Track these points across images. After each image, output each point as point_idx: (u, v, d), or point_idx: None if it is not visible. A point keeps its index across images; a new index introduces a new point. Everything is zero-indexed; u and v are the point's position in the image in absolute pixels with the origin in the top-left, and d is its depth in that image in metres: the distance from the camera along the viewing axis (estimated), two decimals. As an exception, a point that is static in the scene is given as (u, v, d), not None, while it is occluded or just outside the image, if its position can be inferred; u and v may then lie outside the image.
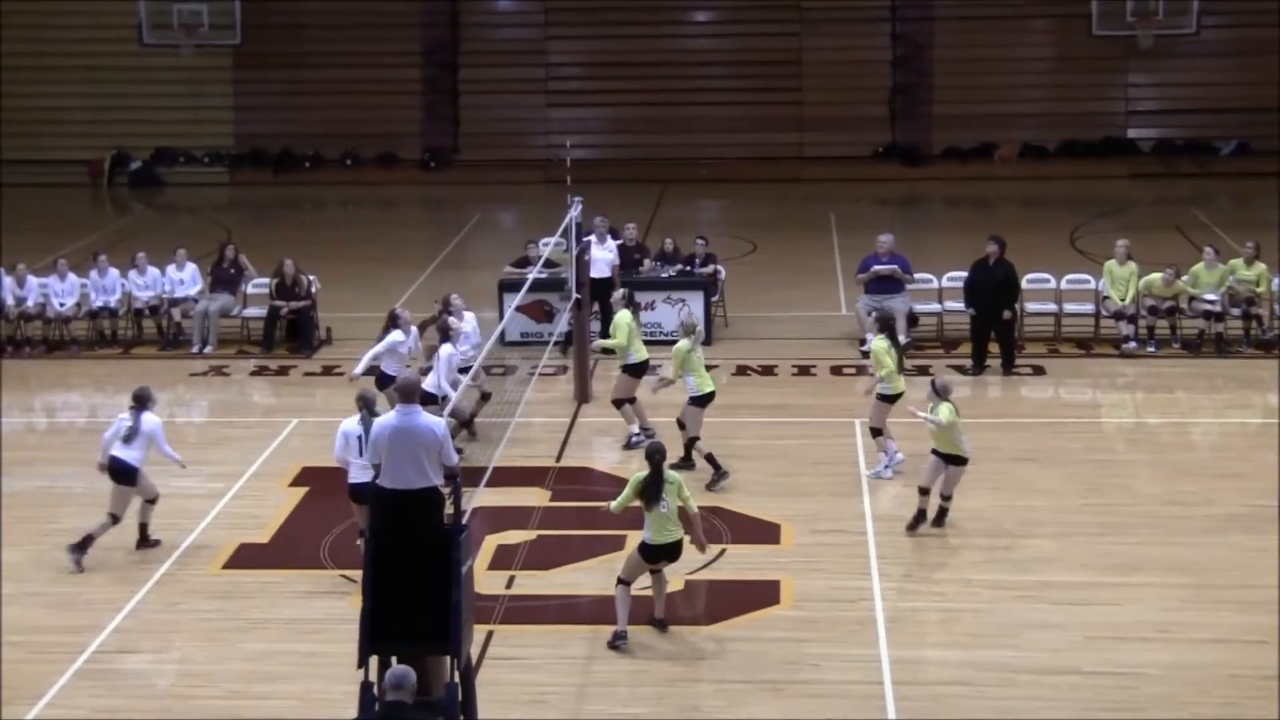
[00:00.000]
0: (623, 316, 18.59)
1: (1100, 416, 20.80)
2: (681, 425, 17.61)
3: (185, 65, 38.78)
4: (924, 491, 15.95)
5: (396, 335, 18.36)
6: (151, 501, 15.80)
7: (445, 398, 15.97)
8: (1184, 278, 22.63)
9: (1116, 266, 22.85)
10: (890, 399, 17.59)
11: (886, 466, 17.59)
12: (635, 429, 18.60)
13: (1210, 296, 22.50)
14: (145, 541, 15.81)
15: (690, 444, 17.57)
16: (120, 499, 15.50)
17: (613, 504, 13.93)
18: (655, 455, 13.77)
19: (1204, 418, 18.83)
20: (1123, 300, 22.60)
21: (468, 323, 19.05)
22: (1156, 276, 22.67)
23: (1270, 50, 37.04)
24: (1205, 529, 16.11)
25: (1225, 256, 23.24)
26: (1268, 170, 35.48)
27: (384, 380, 18.12)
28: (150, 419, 15.61)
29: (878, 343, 17.69)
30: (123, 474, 15.50)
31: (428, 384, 16.82)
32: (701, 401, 17.63)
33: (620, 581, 13.82)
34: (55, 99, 38.31)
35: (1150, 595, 14.55)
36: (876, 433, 17.68)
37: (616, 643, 13.63)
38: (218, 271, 24.12)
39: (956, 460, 15.81)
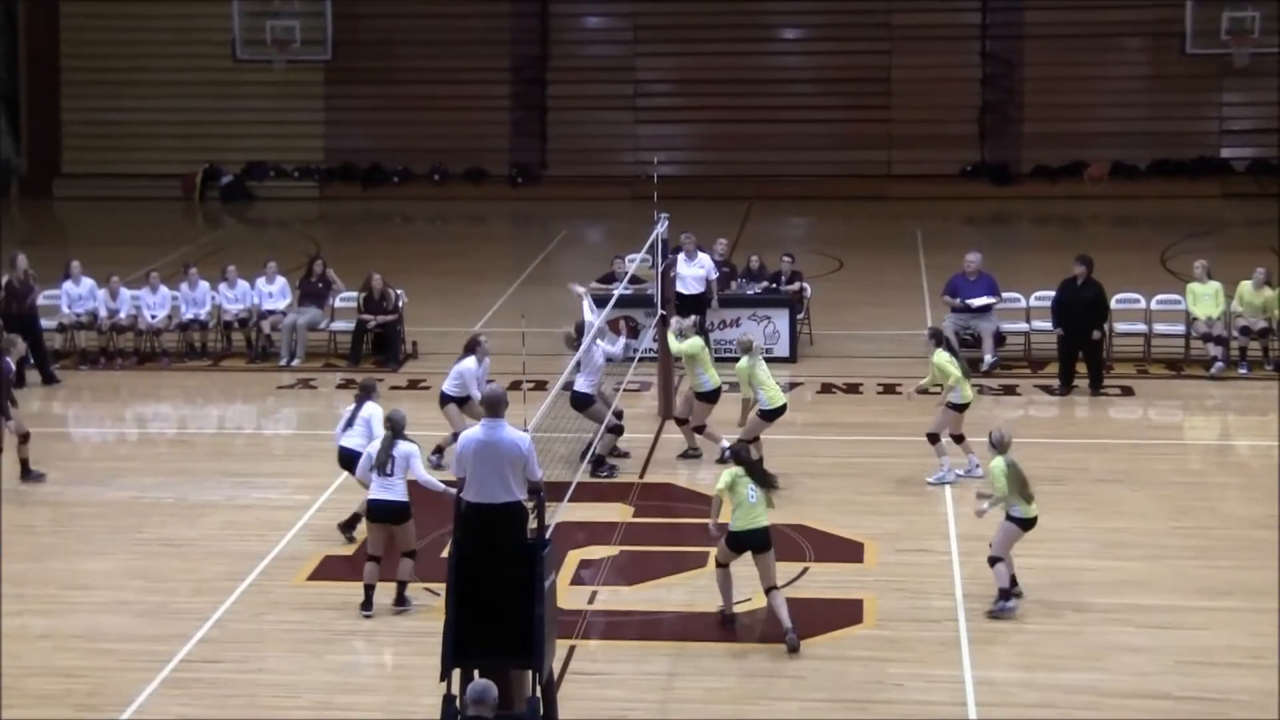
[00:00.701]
0: (694, 343, 18.62)
1: (1189, 438, 20.58)
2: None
3: (277, 80, 39.22)
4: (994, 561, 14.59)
5: (468, 363, 18.36)
6: None
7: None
8: (1275, 293, 22.35)
9: (1198, 286, 22.62)
10: (960, 407, 17.78)
11: (957, 473, 17.86)
12: (724, 442, 18.60)
13: (1298, 319, 22.22)
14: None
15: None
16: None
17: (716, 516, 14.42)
18: (740, 453, 14.36)
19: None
20: (1207, 318, 22.33)
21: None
22: (1247, 284, 22.42)
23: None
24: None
25: (1318, 278, 22.94)
26: (1364, 190, 35.00)
27: (444, 399, 18.32)
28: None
29: (938, 356, 17.84)
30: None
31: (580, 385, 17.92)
32: (771, 415, 17.86)
33: (718, 565, 14.29)
34: (149, 113, 38.85)
35: (1240, 620, 14.34)
36: (934, 439, 17.84)
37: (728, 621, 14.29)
38: (306, 285, 24.33)
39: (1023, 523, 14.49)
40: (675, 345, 18.95)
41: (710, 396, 18.67)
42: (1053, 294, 22.29)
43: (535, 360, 20.80)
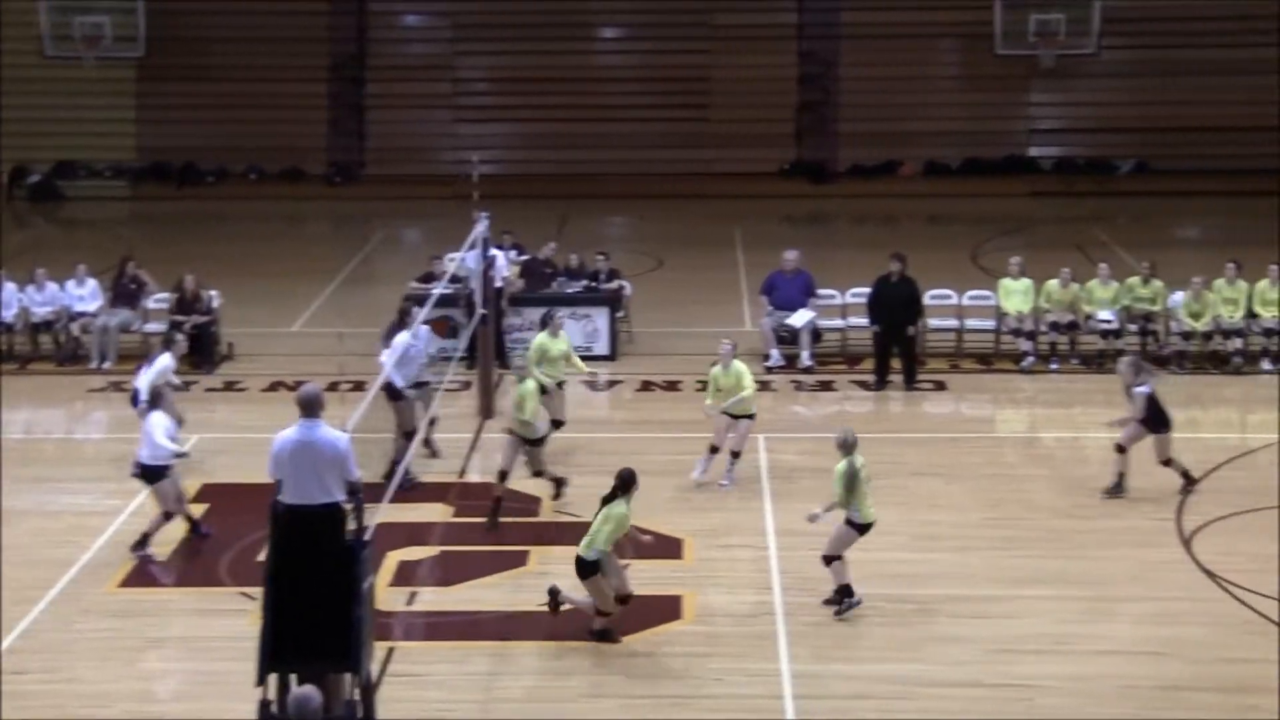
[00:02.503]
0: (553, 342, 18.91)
1: (1000, 431, 21.04)
2: None
3: (88, 77, 38.41)
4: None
5: (402, 337, 17.97)
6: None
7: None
8: (1080, 290, 22.92)
9: (1011, 282, 23.16)
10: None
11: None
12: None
13: (1106, 315, 22.79)
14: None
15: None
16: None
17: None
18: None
19: (1101, 433, 19.02)
20: (1018, 314, 22.87)
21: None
22: (1054, 282, 22.98)
23: (1168, 71, 37.67)
24: (1102, 542, 16.30)
25: (1122, 274, 23.56)
26: (1165, 189, 36.02)
27: (392, 393, 17.59)
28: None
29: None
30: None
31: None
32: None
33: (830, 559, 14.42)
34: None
35: (1049, 608, 14.69)
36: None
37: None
38: (118, 287, 23.86)
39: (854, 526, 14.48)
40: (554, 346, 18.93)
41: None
42: (868, 290, 22.63)
43: (354, 360, 20.66)
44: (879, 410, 21.17)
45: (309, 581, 11.22)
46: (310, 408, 11.64)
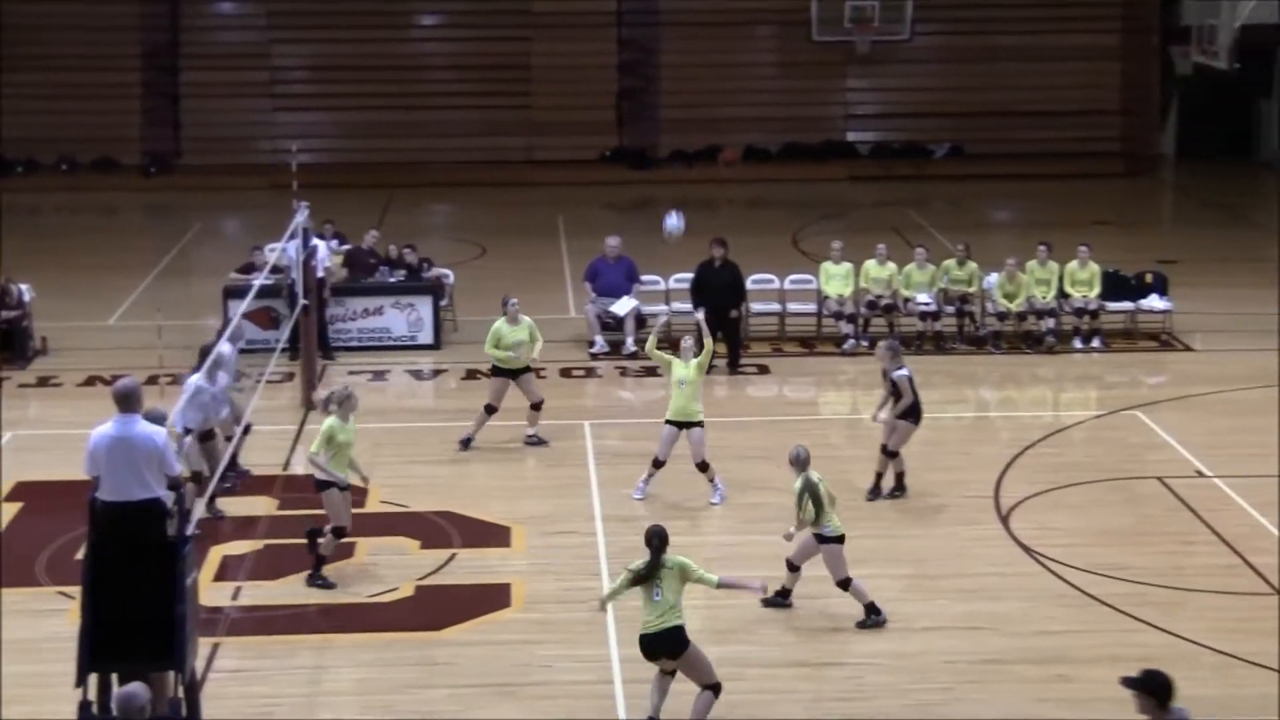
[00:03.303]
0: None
1: (823, 413, 21.34)
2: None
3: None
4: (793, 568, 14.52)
5: (194, 379, 16.08)
6: None
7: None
8: (898, 275, 23.30)
9: (831, 266, 23.49)
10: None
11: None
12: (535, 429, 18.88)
13: (924, 297, 23.20)
14: None
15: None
16: None
17: (605, 592, 13.29)
18: (654, 539, 12.34)
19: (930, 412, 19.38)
20: (839, 297, 23.20)
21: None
22: (871, 262, 23.37)
23: (981, 57, 38.40)
24: (922, 521, 16.61)
25: (939, 257, 24.00)
26: (979, 173, 36.73)
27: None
28: None
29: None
30: None
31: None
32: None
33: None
34: None
35: (873, 586, 14.86)
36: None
37: None
38: (-75, 281, 23.22)
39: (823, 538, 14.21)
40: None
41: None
42: (691, 276, 22.79)
43: (173, 354, 20.34)
44: (703, 395, 21.26)
45: (129, 579, 11.04)
46: (127, 402, 11.40)
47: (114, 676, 10.97)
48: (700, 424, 17.09)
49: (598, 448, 18.73)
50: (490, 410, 18.76)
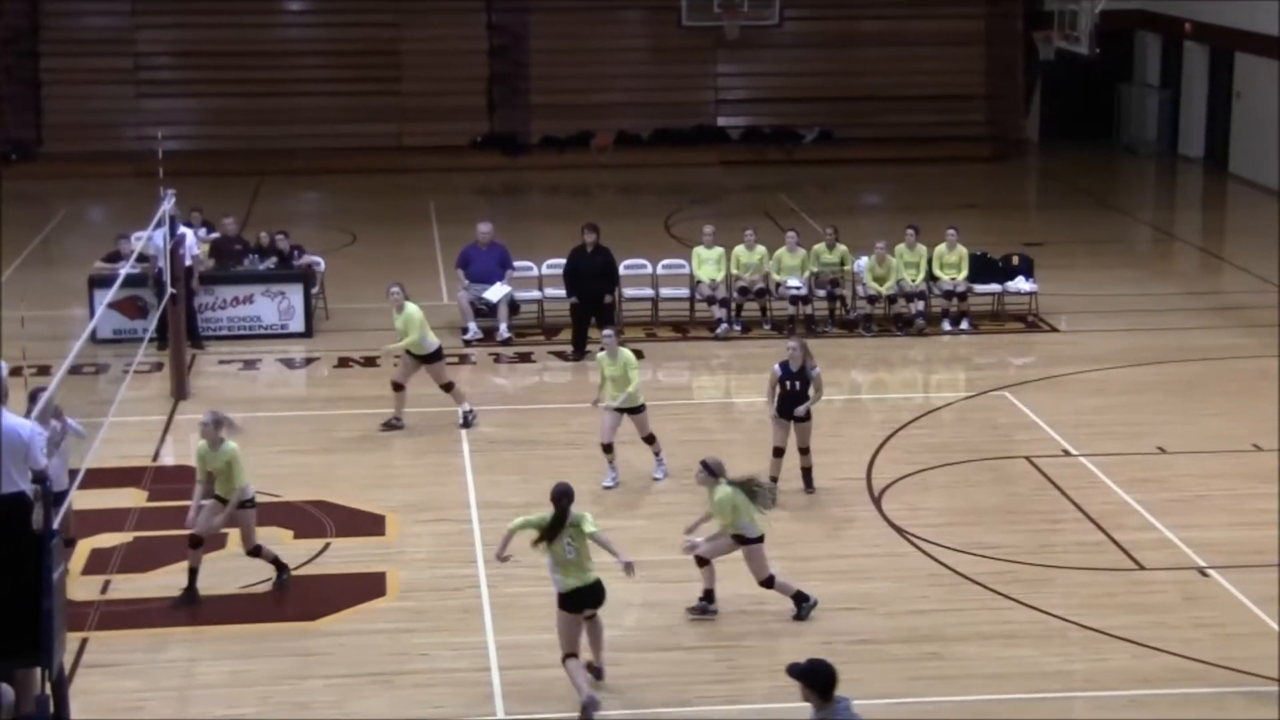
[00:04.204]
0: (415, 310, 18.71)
1: (697, 398, 21.43)
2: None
3: None
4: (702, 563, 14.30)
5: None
6: None
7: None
8: (769, 259, 23.45)
9: (704, 250, 23.60)
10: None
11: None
12: (466, 406, 18.92)
13: (794, 281, 23.37)
14: None
15: None
16: None
17: (512, 523, 12.99)
18: (561, 499, 12.62)
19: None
20: (712, 282, 23.32)
21: None
22: (740, 247, 23.51)
23: (849, 42, 38.73)
24: (796, 503, 16.73)
25: (810, 241, 24.19)
26: (848, 157, 37.05)
27: None
28: None
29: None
30: None
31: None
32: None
33: (566, 657, 12.62)
34: None
35: (745, 570, 14.99)
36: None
37: (589, 715, 12.33)
38: None
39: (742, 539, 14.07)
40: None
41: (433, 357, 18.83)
42: (564, 261, 22.80)
43: (38, 344, 19.97)
44: (577, 380, 21.32)
45: (-6, 574, 10.84)
46: (-12, 395, 11.24)
47: (-18, 674, 10.77)
48: (641, 409, 17.35)
49: (472, 435, 18.70)
50: (398, 387, 18.91)
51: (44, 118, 37.78)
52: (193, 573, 14.38)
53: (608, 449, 17.23)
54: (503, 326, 22.82)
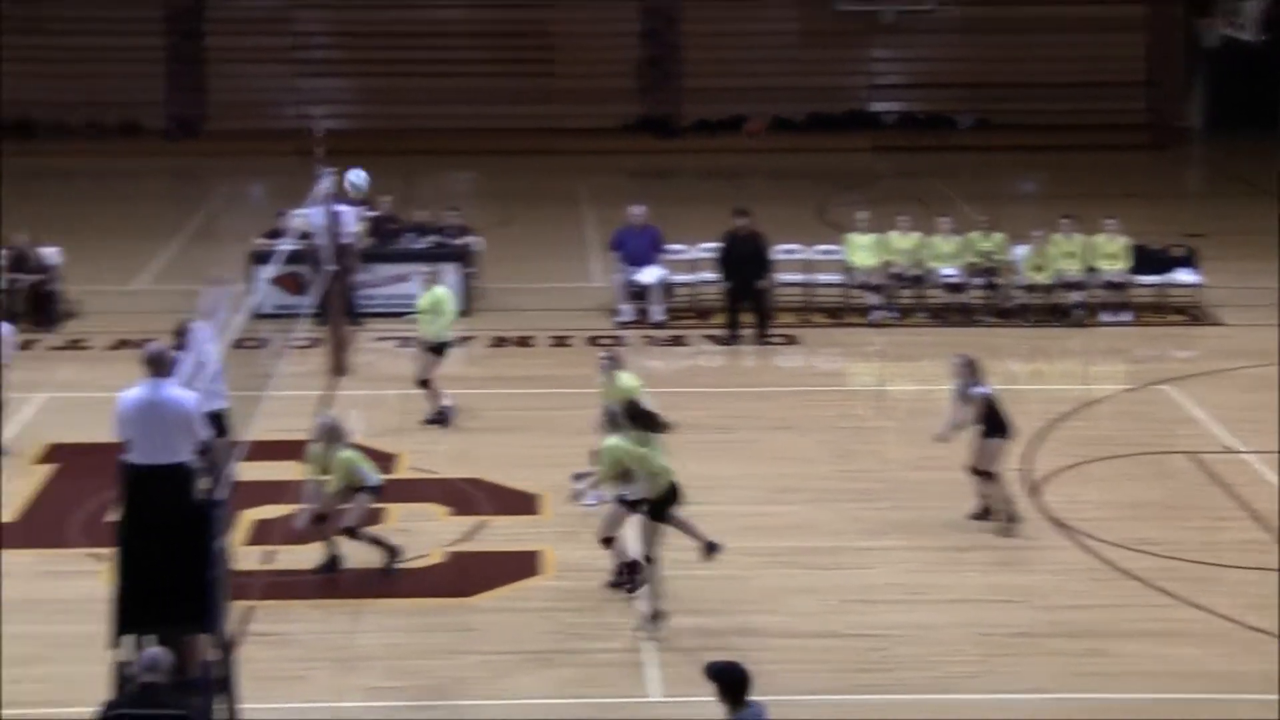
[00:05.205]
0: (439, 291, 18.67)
1: (850, 385, 21.30)
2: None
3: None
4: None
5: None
6: None
7: None
8: (923, 245, 23.23)
9: (858, 237, 23.43)
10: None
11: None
12: (446, 402, 18.57)
13: (949, 269, 23.13)
14: None
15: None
16: None
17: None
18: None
19: (948, 385, 19.31)
20: (866, 268, 23.15)
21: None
22: (894, 233, 23.30)
23: (1006, 28, 38.23)
24: (950, 493, 16.51)
25: (964, 228, 23.92)
26: (1004, 144, 36.59)
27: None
28: None
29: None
30: None
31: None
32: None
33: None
34: None
35: (901, 558, 14.93)
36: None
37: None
38: (-49, 244, 23.30)
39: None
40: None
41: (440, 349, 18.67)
42: (718, 245, 22.76)
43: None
44: (731, 365, 21.31)
45: (160, 542, 11.05)
46: (157, 366, 11.36)
47: (148, 639, 10.97)
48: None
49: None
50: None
51: (208, 96, 38.41)
52: (329, 545, 14.64)
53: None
54: (656, 309, 22.83)
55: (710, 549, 13.84)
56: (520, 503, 16.23)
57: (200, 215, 30.52)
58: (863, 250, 23.32)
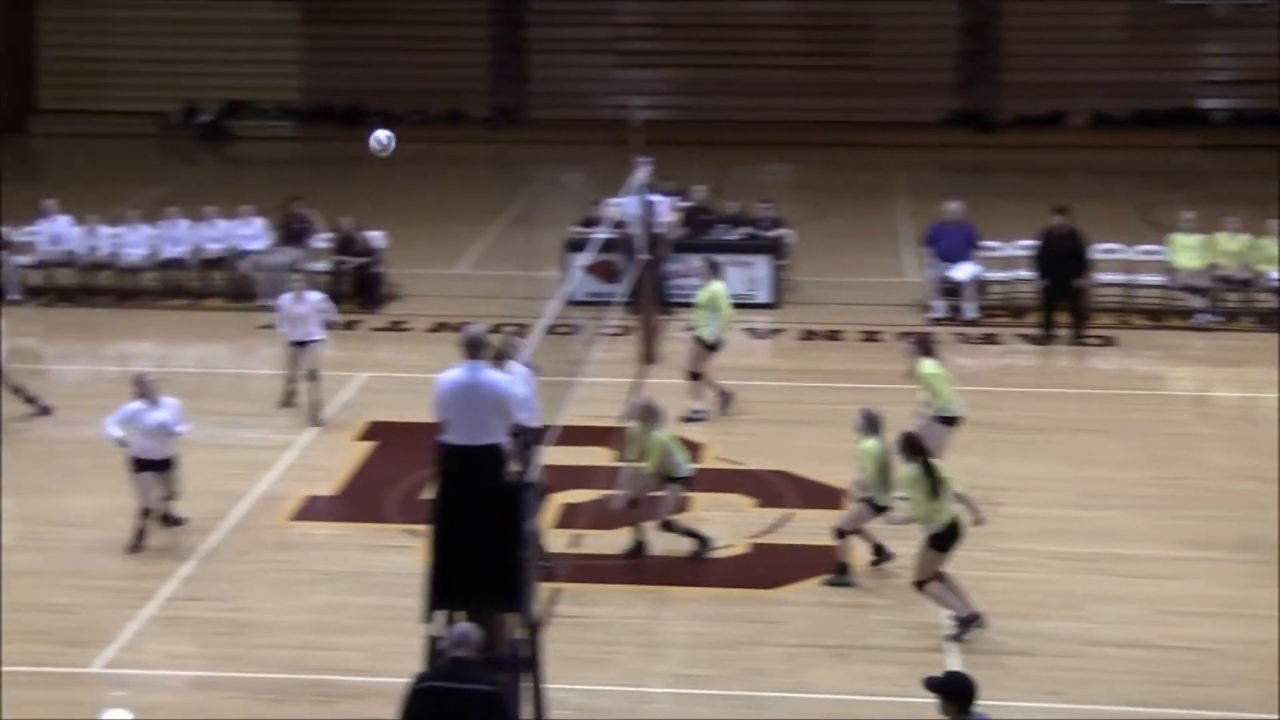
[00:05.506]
0: (717, 287, 18.57)
1: (1169, 389, 20.65)
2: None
3: (256, 19, 38.89)
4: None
5: (135, 405, 15.14)
6: None
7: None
8: (1252, 248, 22.39)
9: (1183, 237, 22.69)
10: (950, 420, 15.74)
11: None
12: (699, 405, 18.59)
13: (1275, 274, 22.25)
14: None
15: None
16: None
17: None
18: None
19: (1273, 392, 18.62)
20: (1191, 270, 22.42)
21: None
22: (1223, 234, 22.50)
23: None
24: (1275, 505, 15.91)
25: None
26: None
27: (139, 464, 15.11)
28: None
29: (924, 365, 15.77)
30: None
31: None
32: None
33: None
34: (128, 50, 38.46)
35: (1223, 570, 14.41)
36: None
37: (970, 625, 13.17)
38: (284, 226, 24.22)
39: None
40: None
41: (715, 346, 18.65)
42: (1034, 243, 22.31)
43: (516, 303, 20.81)
44: (1045, 365, 20.89)
45: (473, 521, 11.27)
46: (474, 349, 11.60)
47: (459, 615, 11.23)
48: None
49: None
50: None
51: (530, 85, 39.21)
52: (637, 530, 14.78)
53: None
54: (969, 306, 22.50)
55: (966, 623, 13.36)
56: (826, 497, 16.15)
57: (519, 202, 31.17)
58: (1187, 251, 22.58)
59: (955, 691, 8.77)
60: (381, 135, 16.78)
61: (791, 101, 37.84)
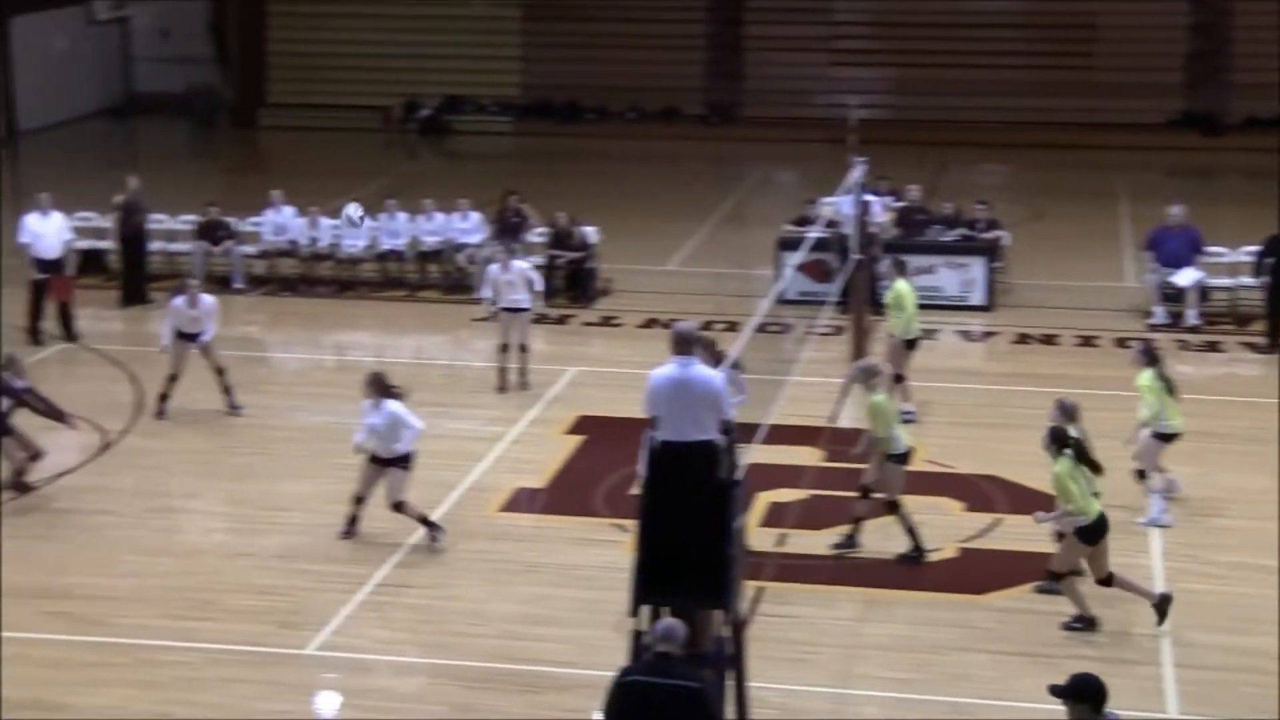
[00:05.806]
0: (902, 286, 18.37)
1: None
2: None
3: (476, 15, 39.48)
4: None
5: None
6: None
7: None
8: None
9: None
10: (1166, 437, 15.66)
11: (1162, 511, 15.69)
12: (908, 406, 18.37)
13: None
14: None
15: None
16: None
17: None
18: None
19: None
20: None
21: None
22: None
23: None
24: None
25: None
26: None
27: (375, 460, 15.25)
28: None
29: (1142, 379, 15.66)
30: None
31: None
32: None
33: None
34: (353, 45, 39.28)
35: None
36: (1142, 475, 15.71)
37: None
38: (500, 220, 24.53)
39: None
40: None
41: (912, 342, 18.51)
42: (1260, 249, 21.72)
43: (728, 301, 20.80)
44: (1269, 374, 20.28)
45: (682, 517, 11.29)
46: (685, 345, 11.60)
47: (664, 611, 11.26)
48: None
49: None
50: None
51: (746, 83, 39.20)
52: (856, 521, 14.72)
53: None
54: (1192, 313, 21.97)
55: (1163, 603, 13.33)
56: (1037, 503, 15.84)
57: (732, 200, 31.17)
58: None
59: (1087, 695, 8.60)
60: (353, 214, 17.79)
61: (1009, 101, 37.29)
